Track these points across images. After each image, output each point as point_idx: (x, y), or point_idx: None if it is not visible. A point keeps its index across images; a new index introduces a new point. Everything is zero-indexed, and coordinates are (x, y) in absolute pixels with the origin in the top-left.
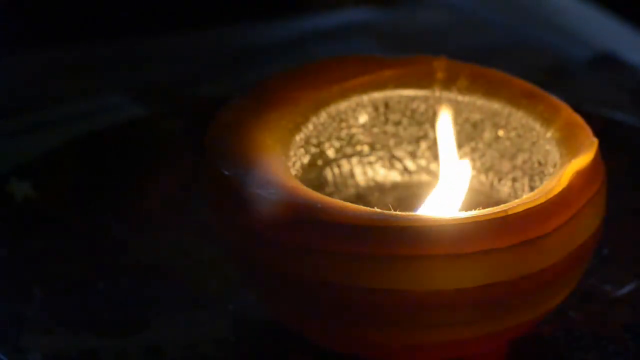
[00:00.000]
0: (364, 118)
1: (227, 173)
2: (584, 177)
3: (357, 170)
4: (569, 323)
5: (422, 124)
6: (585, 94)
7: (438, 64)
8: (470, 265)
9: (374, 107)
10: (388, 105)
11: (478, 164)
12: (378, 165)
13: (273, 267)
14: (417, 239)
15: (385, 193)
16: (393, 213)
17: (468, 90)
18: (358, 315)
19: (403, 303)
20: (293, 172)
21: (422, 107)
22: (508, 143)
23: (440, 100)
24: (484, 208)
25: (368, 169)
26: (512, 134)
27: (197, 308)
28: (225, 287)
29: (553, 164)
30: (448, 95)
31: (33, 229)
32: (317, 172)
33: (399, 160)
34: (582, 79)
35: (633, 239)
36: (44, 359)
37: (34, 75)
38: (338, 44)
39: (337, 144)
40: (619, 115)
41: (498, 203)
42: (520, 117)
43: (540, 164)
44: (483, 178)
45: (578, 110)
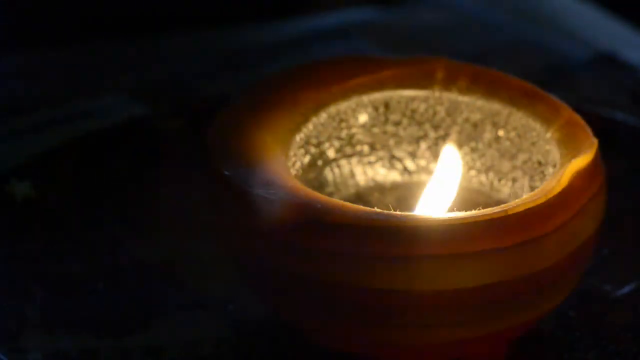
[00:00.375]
0: (364, 118)
1: (227, 173)
2: (584, 177)
3: (357, 170)
4: (569, 323)
5: (422, 124)
6: (585, 94)
7: (438, 64)
8: (470, 265)
9: (374, 107)
10: (388, 105)
11: (478, 164)
12: (378, 165)
13: (273, 267)
14: (417, 239)
15: (385, 193)
16: (393, 213)
17: (468, 90)
18: (358, 315)
19: (403, 303)
20: (293, 172)
21: (422, 107)
22: (508, 143)
23: (441, 100)
24: (484, 208)
25: (368, 169)
26: (512, 134)
27: (197, 308)
28: (225, 287)
29: (553, 164)
30: (448, 95)
31: (33, 229)
32: (317, 172)
33: (399, 160)
34: (582, 79)
35: (633, 239)
36: (44, 359)
37: (34, 75)
38: (338, 44)
39: (337, 144)
40: (619, 115)
41: (498, 203)
42: (520, 117)
43: (540, 164)
44: (483, 178)
45: (578, 110)
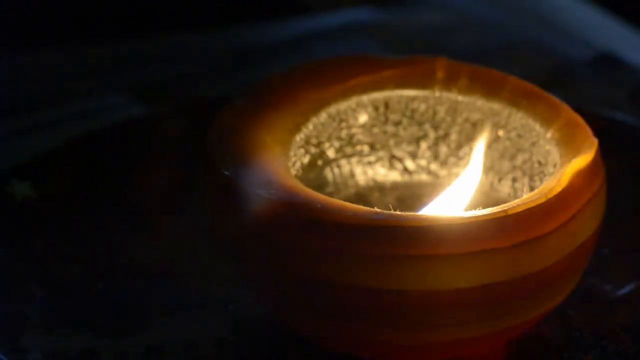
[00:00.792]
0: (364, 118)
1: (227, 173)
2: (584, 177)
3: (357, 170)
4: (569, 323)
5: (422, 124)
6: (585, 94)
7: (438, 64)
8: (470, 265)
9: (374, 107)
10: (388, 105)
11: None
12: (378, 165)
13: (273, 267)
14: (417, 239)
15: (385, 193)
16: (393, 213)
17: (468, 90)
18: (358, 315)
19: (403, 303)
20: (293, 172)
21: (422, 107)
22: (508, 143)
23: (441, 100)
24: (484, 208)
25: (368, 169)
26: (512, 134)
27: (197, 308)
28: (225, 287)
29: (553, 164)
30: (448, 95)
31: (33, 229)
32: (317, 172)
33: (399, 160)
34: (582, 79)
35: (633, 239)
36: (44, 359)
37: (34, 75)
38: (338, 44)
39: (337, 144)
40: (619, 115)
41: (498, 203)
42: (520, 117)
43: (540, 164)
44: (483, 178)
45: (578, 110)
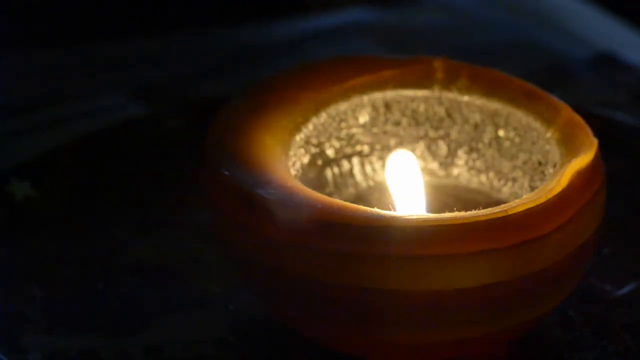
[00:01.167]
0: (364, 118)
1: (227, 173)
2: (584, 177)
3: (357, 170)
4: (569, 323)
5: (422, 124)
6: (585, 94)
7: (438, 64)
8: (470, 265)
9: (374, 107)
10: (388, 105)
11: (478, 164)
12: (378, 165)
13: (273, 267)
14: (417, 239)
15: (385, 193)
16: (393, 213)
17: (468, 90)
18: (358, 315)
19: (403, 303)
20: (293, 172)
21: (422, 107)
22: (508, 143)
23: (441, 100)
24: (484, 208)
25: (368, 169)
26: (512, 134)
27: (197, 308)
28: (225, 287)
29: (553, 164)
30: (448, 95)
31: (33, 229)
32: (317, 172)
33: None
34: (582, 79)
35: (633, 239)
36: (44, 359)
37: (34, 75)
38: (338, 44)
39: (337, 144)
40: (619, 115)
41: (498, 203)
42: (520, 117)
43: (540, 164)
44: (483, 178)
45: (578, 110)
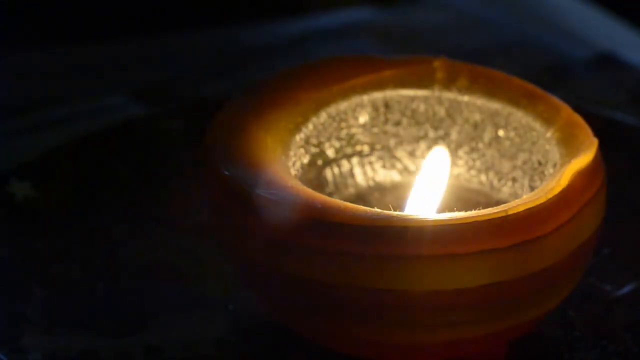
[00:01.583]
0: (364, 118)
1: (227, 173)
2: (584, 177)
3: (357, 170)
4: (569, 323)
5: (422, 124)
6: (585, 94)
7: (438, 64)
8: (470, 265)
9: (374, 107)
10: (388, 105)
11: (478, 164)
12: (378, 165)
13: (273, 267)
14: (417, 239)
15: (385, 193)
16: (393, 213)
17: (468, 90)
18: (358, 315)
19: (403, 303)
20: (293, 172)
21: (422, 107)
22: (508, 143)
23: (441, 100)
24: (484, 208)
25: (368, 169)
26: (512, 134)
27: (197, 308)
28: (225, 287)
29: (553, 164)
30: (448, 95)
31: (33, 229)
32: (317, 172)
33: (399, 160)
34: (582, 79)
35: (633, 239)
36: (44, 359)
37: (34, 75)
38: (338, 44)
39: (337, 144)
40: (619, 115)
41: (498, 203)
42: (520, 117)
43: (540, 164)
44: (483, 178)
45: (578, 110)
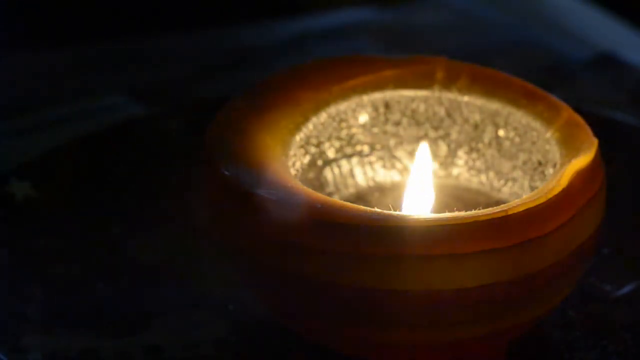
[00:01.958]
0: (364, 118)
1: (227, 173)
2: (584, 177)
3: (357, 170)
4: (569, 323)
5: (422, 124)
6: (585, 94)
7: (438, 64)
8: (470, 265)
9: (374, 107)
10: (388, 105)
11: (478, 164)
12: (378, 165)
13: (273, 267)
14: (417, 239)
15: (385, 193)
16: (393, 213)
17: (468, 90)
18: (358, 315)
19: (403, 303)
20: (293, 172)
21: (422, 107)
22: (508, 143)
23: (441, 100)
24: (484, 208)
25: (368, 169)
26: (512, 134)
27: (197, 308)
28: (225, 287)
29: (553, 164)
30: (448, 95)
31: (33, 229)
32: (317, 172)
33: (399, 160)
34: (582, 79)
35: (633, 239)
36: (44, 359)
37: (34, 75)
38: (338, 44)
39: (337, 144)
40: (619, 115)
41: (498, 203)
42: (520, 117)
43: (540, 164)
44: (483, 178)
45: (578, 110)
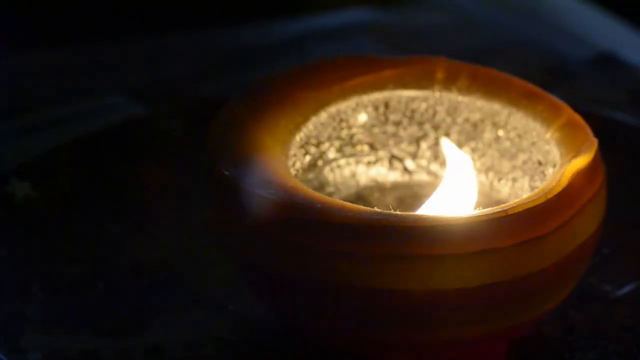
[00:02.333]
0: (364, 118)
1: (227, 173)
2: (584, 177)
3: (357, 170)
4: (569, 323)
5: (422, 124)
6: (585, 94)
7: (438, 64)
8: (471, 265)
9: (374, 107)
10: (388, 105)
11: (478, 164)
12: (378, 165)
13: (273, 267)
14: (417, 239)
15: (385, 193)
16: (393, 213)
17: (468, 90)
18: (358, 315)
19: (403, 303)
20: (293, 172)
21: (422, 107)
22: (508, 143)
23: (441, 100)
24: (484, 208)
25: (368, 169)
26: (512, 134)
27: (197, 308)
28: (225, 287)
29: (553, 164)
30: (448, 95)
31: (33, 229)
32: (317, 172)
33: (399, 160)
34: (582, 79)
35: (633, 239)
36: (44, 359)
37: (34, 75)
38: (338, 44)
39: (337, 144)
40: (619, 115)
41: (498, 203)
42: (520, 117)
43: (540, 164)
44: (483, 178)
45: (578, 110)
